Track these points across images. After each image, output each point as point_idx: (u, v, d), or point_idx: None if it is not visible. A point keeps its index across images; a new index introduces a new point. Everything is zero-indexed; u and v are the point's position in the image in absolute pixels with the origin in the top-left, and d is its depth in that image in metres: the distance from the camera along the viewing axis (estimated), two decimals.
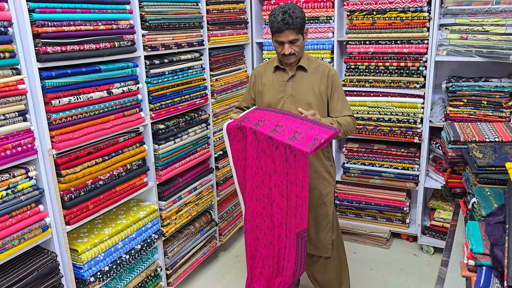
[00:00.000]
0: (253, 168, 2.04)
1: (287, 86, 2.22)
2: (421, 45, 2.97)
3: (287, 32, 2.06)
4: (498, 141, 1.90)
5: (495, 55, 2.73)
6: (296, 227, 1.95)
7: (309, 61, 2.24)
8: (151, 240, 2.47)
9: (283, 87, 2.23)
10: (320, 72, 2.21)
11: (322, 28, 3.24)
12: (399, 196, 3.32)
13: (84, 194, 2.06)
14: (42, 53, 1.78)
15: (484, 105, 2.86)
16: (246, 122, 2.03)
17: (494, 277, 1.28)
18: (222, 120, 3.18)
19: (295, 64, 2.21)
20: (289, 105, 2.20)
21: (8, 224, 1.73)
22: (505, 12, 2.69)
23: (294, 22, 2.04)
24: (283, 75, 2.25)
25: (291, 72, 2.23)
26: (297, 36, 2.09)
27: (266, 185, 2.03)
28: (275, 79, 2.26)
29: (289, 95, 2.21)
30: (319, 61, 2.27)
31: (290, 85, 2.22)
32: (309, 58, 2.25)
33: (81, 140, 2.00)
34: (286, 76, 2.23)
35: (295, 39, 2.09)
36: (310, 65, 2.23)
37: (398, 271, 3.06)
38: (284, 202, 1.97)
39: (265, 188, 2.04)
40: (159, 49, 2.46)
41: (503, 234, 1.35)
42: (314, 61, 2.25)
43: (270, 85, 2.27)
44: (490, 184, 1.74)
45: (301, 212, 1.90)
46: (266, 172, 2.00)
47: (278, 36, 2.09)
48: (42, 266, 1.87)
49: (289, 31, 2.06)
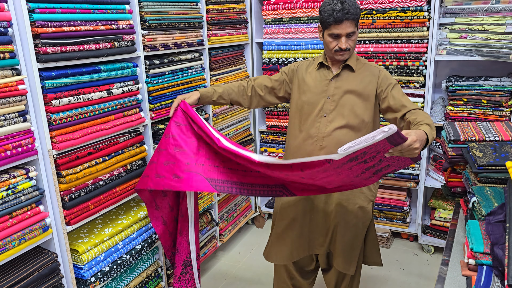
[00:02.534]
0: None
1: (330, 85, 2.02)
2: (421, 44, 2.97)
3: (346, 23, 1.85)
4: (498, 140, 1.90)
5: (495, 54, 2.73)
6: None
7: (357, 61, 2.05)
8: (151, 240, 2.47)
9: (326, 87, 2.03)
10: (369, 73, 2.02)
11: None
12: (400, 196, 3.32)
13: (84, 194, 2.06)
14: (42, 53, 1.78)
15: (484, 104, 2.86)
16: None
17: (495, 276, 1.28)
18: (222, 120, 3.18)
19: (342, 63, 2.02)
20: (329, 106, 2.01)
21: (9, 225, 1.73)
22: (505, 11, 2.69)
23: (355, 12, 1.85)
24: (326, 73, 2.04)
25: (335, 70, 2.03)
26: (355, 29, 1.90)
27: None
28: (318, 77, 2.06)
29: (331, 95, 2.01)
30: (369, 63, 2.08)
31: (333, 85, 2.02)
32: (358, 59, 2.06)
33: (81, 141, 2.00)
34: (330, 74, 2.03)
35: (353, 31, 1.90)
36: (359, 65, 2.04)
37: (399, 271, 3.06)
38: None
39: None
40: (159, 49, 2.46)
41: (504, 233, 1.35)
42: (363, 62, 2.07)
43: (311, 83, 2.06)
44: (490, 183, 1.74)
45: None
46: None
47: (335, 28, 1.87)
48: (43, 267, 1.87)
49: (349, 22, 1.86)
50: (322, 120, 2.02)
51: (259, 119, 3.68)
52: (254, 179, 1.90)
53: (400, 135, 1.41)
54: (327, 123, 2.01)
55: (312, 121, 2.05)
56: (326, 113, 2.02)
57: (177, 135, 1.98)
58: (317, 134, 2.03)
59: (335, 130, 2.00)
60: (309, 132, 2.05)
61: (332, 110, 2.01)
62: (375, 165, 1.58)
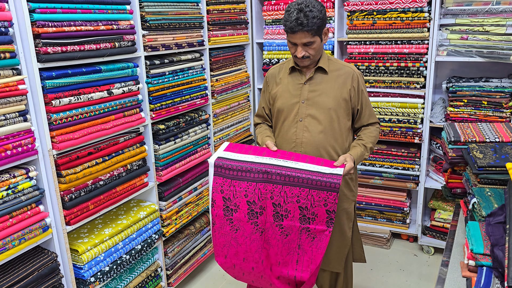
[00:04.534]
0: (250, 263, 1.86)
1: (304, 89, 2.00)
2: (422, 45, 2.97)
3: (300, 34, 1.83)
4: (499, 141, 1.90)
5: (495, 55, 2.73)
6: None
7: (329, 62, 2.02)
8: (151, 241, 2.47)
9: (299, 91, 2.00)
10: (343, 75, 2.00)
11: None
12: (400, 197, 3.32)
13: (84, 194, 2.06)
14: (42, 53, 1.78)
15: (485, 105, 2.86)
16: (232, 205, 1.83)
17: (495, 277, 1.28)
18: (223, 120, 3.18)
19: (314, 66, 2.00)
20: (305, 110, 1.99)
21: (9, 224, 1.73)
22: (506, 13, 2.69)
23: (309, 24, 1.80)
24: (299, 77, 2.02)
25: (308, 74, 2.01)
26: (312, 39, 1.85)
27: (266, 279, 1.89)
28: (290, 82, 2.03)
29: (305, 99, 1.99)
30: (342, 62, 2.05)
31: (306, 88, 2.00)
32: (329, 59, 2.03)
33: (82, 141, 2.00)
34: (302, 78, 2.01)
35: (309, 41, 1.86)
36: (331, 66, 2.01)
37: (399, 272, 3.06)
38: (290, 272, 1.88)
39: (263, 274, 1.89)
40: (159, 50, 2.46)
41: (504, 235, 1.35)
42: (335, 62, 2.03)
43: (284, 88, 2.04)
44: (490, 184, 1.74)
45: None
46: (266, 265, 1.85)
47: (291, 37, 1.87)
48: (43, 267, 1.87)
49: (303, 33, 1.82)
50: (298, 125, 2.01)
51: None
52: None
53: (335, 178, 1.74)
54: (304, 128, 2.00)
55: (288, 126, 2.04)
56: (302, 118, 2.00)
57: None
58: (295, 139, 2.02)
59: (313, 135, 1.99)
60: (287, 138, 2.04)
61: (308, 115, 1.99)
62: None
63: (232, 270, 1.91)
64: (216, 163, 1.85)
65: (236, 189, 1.82)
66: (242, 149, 1.92)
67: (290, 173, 1.76)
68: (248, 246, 1.85)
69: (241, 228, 1.85)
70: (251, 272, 1.88)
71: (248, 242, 1.85)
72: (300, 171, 1.77)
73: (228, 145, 1.96)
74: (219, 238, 1.89)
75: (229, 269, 1.91)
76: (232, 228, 1.87)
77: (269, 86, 2.14)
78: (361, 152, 1.97)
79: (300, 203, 1.77)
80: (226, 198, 1.85)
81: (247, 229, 1.84)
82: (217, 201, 1.86)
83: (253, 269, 1.86)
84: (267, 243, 1.83)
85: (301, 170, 1.77)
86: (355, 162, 1.91)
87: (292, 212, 1.78)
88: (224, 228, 1.88)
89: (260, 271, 1.86)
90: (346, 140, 2.06)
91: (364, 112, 2.07)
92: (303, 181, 1.75)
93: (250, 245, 1.85)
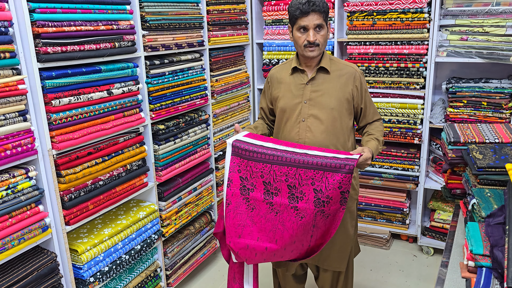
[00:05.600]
0: (264, 242, 1.86)
1: (306, 89, 2.01)
2: (421, 46, 2.97)
3: (313, 15, 1.86)
4: (498, 142, 1.90)
5: (495, 56, 2.73)
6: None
7: (331, 62, 2.03)
8: (151, 241, 2.47)
9: (301, 91, 2.01)
10: (345, 75, 2.01)
11: None
12: (399, 197, 3.32)
13: (84, 194, 2.06)
14: (42, 53, 1.78)
15: (484, 106, 2.86)
16: (249, 184, 1.86)
17: (494, 278, 1.28)
18: (223, 120, 3.18)
19: (316, 65, 2.01)
20: (307, 110, 2.00)
21: (8, 224, 1.73)
22: (505, 13, 2.69)
23: (320, 4, 1.86)
24: (301, 77, 2.03)
25: (310, 74, 2.02)
26: (323, 22, 1.89)
27: (278, 255, 1.90)
28: (293, 82, 2.04)
29: (308, 99, 2.00)
30: (344, 62, 2.07)
31: (309, 89, 2.01)
32: (331, 59, 2.04)
33: (81, 141, 2.00)
34: (305, 78, 2.02)
35: (321, 24, 1.88)
36: (333, 66, 2.02)
37: (398, 272, 3.06)
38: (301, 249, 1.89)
39: (276, 253, 1.89)
40: (159, 50, 2.46)
41: (503, 235, 1.35)
42: (337, 62, 2.05)
43: (286, 88, 2.06)
44: (490, 185, 1.74)
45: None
46: (281, 245, 1.85)
47: (302, 20, 1.87)
48: (42, 266, 1.87)
49: (315, 14, 1.86)
50: (301, 125, 2.02)
51: None
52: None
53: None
54: (306, 128, 2.01)
55: (291, 126, 2.04)
56: (304, 118, 2.01)
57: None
58: (297, 140, 2.03)
59: (316, 135, 2.00)
60: (290, 138, 2.05)
61: (310, 115, 2.01)
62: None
63: (244, 251, 1.90)
64: (234, 143, 1.88)
65: (252, 169, 1.85)
66: (260, 138, 1.96)
67: (304, 157, 1.78)
68: (263, 225, 1.87)
69: (257, 207, 1.87)
70: (264, 252, 1.88)
71: (263, 221, 1.87)
72: (315, 156, 1.79)
73: (247, 133, 1.99)
74: (234, 218, 1.90)
75: (242, 250, 1.89)
76: (248, 207, 1.88)
77: (271, 86, 2.15)
78: (376, 145, 1.98)
79: (314, 185, 1.77)
80: (243, 177, 1.87)
81: (262, 208, 1.86)
82: (234, 181, 1.88)
83: (266, 249, 1.87)
84: (282, 225, 1.84)
85: (316, 156, 1.79)
86: (373, 156, 1.91)
87: (307, 194, 1.79)
88: (240, 207, 1.89)
89: (273, 250, 1.87)
90: (348, 140, 2.07)
91: (369, 111, 2.10)
92: (318, 163, 1.76)
93: (265, 224, 1.86)
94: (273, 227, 1.85)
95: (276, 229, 1.85)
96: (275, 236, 1.85)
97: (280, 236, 1.85)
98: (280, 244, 1.85)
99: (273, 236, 1.86)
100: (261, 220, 1.87)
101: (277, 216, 1.84)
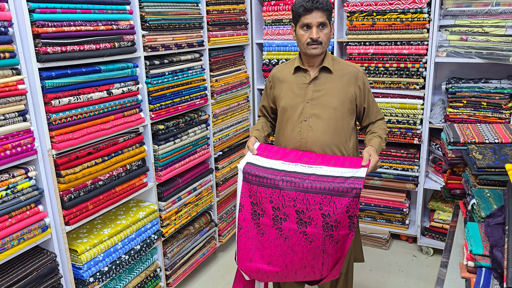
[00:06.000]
0: (275, 267, 1.88)
1: (308, 89, 2.02)
2: (421, 46, 2.97)
3: (316, 13, 1.88)
4: (498, 143, 1.90)
5: (494, 56, 2.73)
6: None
7: (334, 61, 2.04)
8: (150, 241, 2.47)
9: (304, 90, 2.02)
10: (347, 75, 2.02)
11: None
12: (399, 197, 3.32)
13: (83, 194, 2.06)
14: (42, 53, 1.78)
15: (484, 106, 2.86)
16: (259, 209, 1.87)
17: (494, 278, 1.28)
18: (222, 120, 3.18)
19: (318, 65, 2.02)
20: (309, 110, 2.01)
21: (8, 224, 1.72)
22: (505, 14, 2.69)
23: (324, 2, 1.89)
24: (304, 76, 2.04)
25: (313, 73, 2.02)
26: (326, 21, 1.91)
27: (290, 278, 1.91)
28: (295, 81, 2.05)
29: (310, 99, 2.01)
30: (346, 62, 2.08)
31: (311, 88, 2.01)
32: (334, 59, 2.05)
33: (81, 141, 2.00)
34: (307, 78, 2.03)
35: (324, 22, 1.90)
36: (335, 66, 2.03)
37: (398, 272, 3.06)
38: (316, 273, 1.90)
39: (287, 275, 1.92)
40: (159, 50, 2.46)
41: (503, 235, 1.35)
42: (340, 62, 2.06)
43: (288, 87, 2.07)
44: (489, 185, 1.74)
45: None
46: (291, 269, 1.87)
47: (305, 18, 1.90)
48: (42, 267, 1.87)
49: (319, 11, 1.88)
50: (303, 124, 2.02)
51: None
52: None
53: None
54: (308, 128, 2.02)
55: (293, 126, 2.05)
56: (306, 118, 2.02)
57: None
58: (299, 139, 2.03)
59: (318, 134, 2.00)
60: (292, 137, 2.05)
61: (312, 114, 2.01)
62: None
63: (256, 275, 1.93)
64: (244, 170, 1.90)
65: (262, 195, 1.87)
66: (271, 152, 1.97)
67: (312, 183, 1.79)
68: (273, 250, 1.88)
69: (267, 232, 1.89)
70: (275, 275, 1.91)
71: (272, 247, 1.88)
72: (322, 178, 1.79)
73: (258, 146, 2.02)
74: (245, 242, 1.92)
75: (253, 274, 1.93)
76: (259, 232, 1.90)
77: (273, 86, 2.16)
78: (379, 142, 2.02)
79: (322, 210, 1.78)
80: (254, 203, 1.89)
81: (272, 233, 1.88)
82: (245, 206, 1.91)
83: (277, 273, 1.89)
84: (291, 250, 1.85)
85: (323, 178, 1.80)
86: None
87: (315, 219, 1.80)
88: (251, 232, 1.91)
89: (284, 274, 1.89)
90: (350, 139, 2.08)
91: (372, 110, 2.11)
92: (325, 188, 1.77)
93: (275, 249, 1.88)
94: (282, 253, 1.87)
95: (285, 254, 1.87)
96: (285, 261, 1.87)
97: (290, 261, 1.87)
98: (290, 268, 1.87)
99: (282, 261, 1.87)
100: (271, 245, 1.89)
101: (286, 242, 1.86)
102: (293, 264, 1.86)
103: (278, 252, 1.87)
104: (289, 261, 1.86)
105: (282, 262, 1.87)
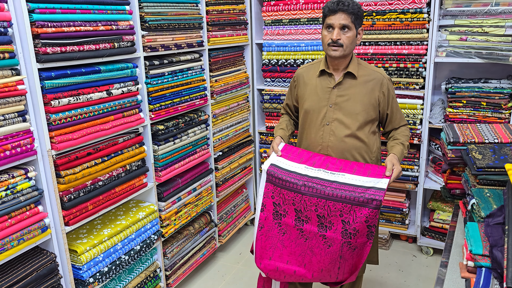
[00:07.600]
0: (293, 265, 1.91)
1: (332, 93, 2.02)
2: (421, 46, 2.97)
3: (340, 15, 1.89)
4: (498, 142, 1.90)
5: (494, 56, 2.73)
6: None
7: (359, 66, 2.03)
8: (150, 241, 2.47)
9: (327, 94, 2.03)
10: (372, 81, 2.01)
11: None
12: (399, 197, 3.32)
13: (83, 194, 2.06)
14: (41, 53, 1.78)
15: (484, 106, 2.86)
16: (282, 210, 1.91)
17: (494, 278, 1.28)
18: (222, 120, 3.18)
19: (343, 69, 2.02)
20: (332, 114, 2.02)
21: (7, 225, 1.72)
22: (505, 14, 2.69)
23: (349, 5, 1.88)
24: (328, 80, 2.04)
25: (338, 78, 2.03)
26: (350, 23, 1.90)
27: (306, 279, 1.93)
28: (319, 85, 2.06)
29: (333, 103, 2.01)
30: (372, 67, 2.07)
31: (335, 93, 2.02)
32: (359, 63, 2.05)
33: (81, 141, 2.00)
34: (332, 82, 2.03)
35: (347, 25, 1.89)
36: (361, 71, 2.03)
37: (397, 272, 3.06)
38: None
39: (304, 277, 1.92)
40: (158, 50, 2.46)
41: (503, 235, 1.35)
42: (365, 67, 2.05)
43: (313, 90, 2.07)
44: (489, 185, 1.74)
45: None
46: (309, 270, 1.89)
47: (329, 19, 1.91)
48: (41, 267, 1.87)
49: (343, 13, 1.88)
50: (325, 128, 2.04)
51: (258, 120, 3.68)
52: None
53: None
54: (330, 132, 2.03)
55: (315, 129, 2.06)
56: (329, 122, 2.03)
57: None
58: (321, 143, 2.04)
59: (339, 139, 2.01)
60: (313, 141, 2.06)
61: (335, 119, 2.02)
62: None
63: (274, 273, 1.96)
64: (268, 171, 1.93)
65: (285, 197, 1.90)
66: (295, 154, 1.99)
67: (333, 191, 1.81)
68: (293, 249, 1.91)
69: (288, 232, 1.92)
70: (292, 275, 1.93)
71: (293, 246, 1.91)
72: (344, 187, 1.81)
73: (283, 147, 2.04)
74: (265, 240, 1.95)
75: (271, 272, 1.95)
76: (280, 231, 1.94)
77: (297, 86, 2.17)
78: (401, 149, 2.02)
79: (343, 217, 1.81)
80: (276, 203, 1.92)
81: (293, 233, 1.91)
82: (267, 206, 1.94)
83: (295, 273, 1.91)
84: (311, 251, 1.88)
85: (345, 186, 1.81)
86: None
87: (336, 225, 1.82)
88: (272, 231, 1.95)
89: (301, 274, 1.91)
90: (373, 145, 2.09)
91: (395, 117, 2.11)
92: (346, 197, 1.79)
93: (295, 248, 1.91)
94: (302, 252, 1.90)
95: (305, 254, 1.90)
96: (304, 260, 1.90)
97: (309, 261, 1.89)
98: (308, 268, 1.90)
99: (302, 260, 1.90)
100: (291, 244, 1.92)
101: (306, 242, 1.89)
102: (311, 265, 1.88)
103: (298, 251, 1.90)
104: (307, 260, 1.89)
105: (302, 261, 1.90)
